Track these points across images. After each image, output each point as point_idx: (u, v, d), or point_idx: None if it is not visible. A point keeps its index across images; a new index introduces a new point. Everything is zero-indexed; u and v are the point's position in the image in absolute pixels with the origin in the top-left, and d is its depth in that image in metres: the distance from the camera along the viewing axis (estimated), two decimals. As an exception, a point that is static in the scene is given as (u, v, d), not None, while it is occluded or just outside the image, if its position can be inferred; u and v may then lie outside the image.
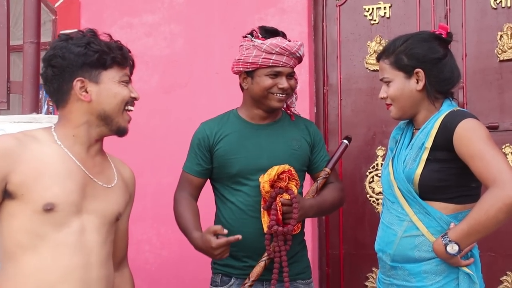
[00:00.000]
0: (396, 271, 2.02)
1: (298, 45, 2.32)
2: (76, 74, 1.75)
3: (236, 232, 2.23)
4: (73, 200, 1.69)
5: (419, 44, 2.04)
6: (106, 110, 1.78)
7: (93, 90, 1.76)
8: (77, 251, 1.69)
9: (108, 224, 1.80)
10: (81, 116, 1.77)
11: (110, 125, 1.80)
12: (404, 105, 2.06)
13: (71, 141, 1.77)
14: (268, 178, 2.17)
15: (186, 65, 3.59)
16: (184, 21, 3.63)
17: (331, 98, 3.51)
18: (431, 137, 1.96)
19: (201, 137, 2.39)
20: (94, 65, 1.75)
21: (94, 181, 1.77)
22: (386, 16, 3.41)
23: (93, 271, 1.74)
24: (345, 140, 2.49)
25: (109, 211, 1.80)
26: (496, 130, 3.19)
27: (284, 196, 2.18)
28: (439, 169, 1.95)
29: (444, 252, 1.88)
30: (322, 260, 3.48)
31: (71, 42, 1.76)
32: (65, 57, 1.74)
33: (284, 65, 2.30)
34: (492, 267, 3.16)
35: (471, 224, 1.84)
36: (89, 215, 1.74)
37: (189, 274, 3.46)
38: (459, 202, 1.96)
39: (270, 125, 2.41)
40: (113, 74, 1.78)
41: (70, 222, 1.69)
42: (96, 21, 3.69)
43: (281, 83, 2.30)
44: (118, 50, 1.81)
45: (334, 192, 2.41)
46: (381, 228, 2.11)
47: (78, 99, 1.76)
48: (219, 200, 2.41)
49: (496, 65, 3.23)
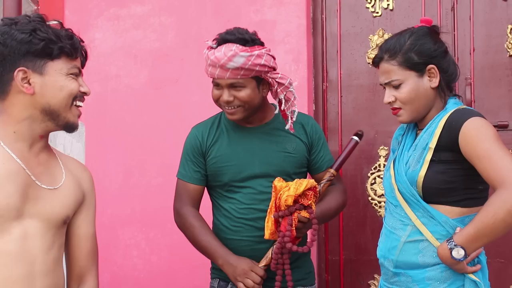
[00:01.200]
0: (399, 278, 1.99)
1: (228, 56, 2.14)
2: (18, 63, 1.64)
3: (231, 239, 2.26)
4: (14, 204, 1.60)
5: (425, 39, 2.01)
6: (51, 104, 1.67)
7: (37, 81, 1.66)
8: (19, 260, 1.61)
9: (53, 228, 1.70)
10: (23, 110, 1.67)
11: (57, 120, 1.70)
12: (418, 107, 2.01)
13: (12, 138, 1.67)
14: (295, 192, 2.10)
15: (177, 59, 3.55)
16: (175, 13, 3.58)
17: (331, 95, 3.46)
18: (435, 137, 1.93)
19: (193, 143, 2.36)
20: (39, 54, 1.65)
21: (37, 182, 1.67)
22: (389, 8, 3.37)
23: (36, 281, 1.64)
24: (355, 137, 2.37)
25: (54, 214, 1.70)
26: (506, 129, 3.17)
27: (302, 213, 2.12)
28: (444, 171, 1.92)
29: (450, 257, 1.85)
30: (321, 267, 3.44)
31: (15, 28, 1.64)
32: (7, 44, 1.63)
33: (220, 77, 2.19)
34: (501, 275, 3.12)
35: (478, 228, 1.81)
36: (32, 219, 1.65)
37: (180, 281, 3.43)
38: (465, 206, 1.92)
39: (262, 127, 2.34)
40: (61, 65, 1.68)
41: (10, 228, 1.60)
42: (81, 12, 3.66)
43: (223, 96, 2.23)
44: (68, 39, 1.69)
45: (338, 196, 2.38)
46: (383, 233, 2.08)
47: (20, 91, 1.65)
48: (214, 208, 2.39)
49: (506, 60, 3.19)
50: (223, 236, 2.28)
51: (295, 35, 3.34)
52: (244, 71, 2.16)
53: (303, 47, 3.32)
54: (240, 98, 2.20)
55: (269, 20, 3.37)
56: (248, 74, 2.18)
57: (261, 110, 2.31)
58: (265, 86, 2.26)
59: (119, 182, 3.55)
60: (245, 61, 2.14)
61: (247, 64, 2.15)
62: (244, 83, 2.19)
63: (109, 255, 3.45)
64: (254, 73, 2.18)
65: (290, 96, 2.26)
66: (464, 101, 3.18)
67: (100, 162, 3.49)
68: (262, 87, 2.25)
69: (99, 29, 3.62)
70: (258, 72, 2.19)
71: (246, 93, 2.21)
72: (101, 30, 3.62)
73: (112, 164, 3.57)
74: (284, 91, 2.24)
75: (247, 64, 2.15)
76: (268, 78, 2.22)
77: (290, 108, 2.27)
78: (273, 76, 2.23)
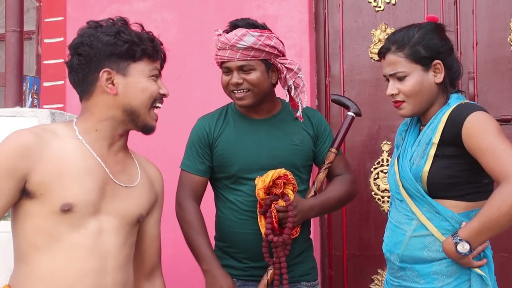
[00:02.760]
0: (405, 272, 1.98)
1: (239, 35, 2.18)
2: (103, 64, 1.70)
3: (236, 232, 2.24)
4: (92, 200, 1.66)
5: (433, 34, 2.01)
6: (133, 105, 1.73)
7: (120, 82, 1.72)
8: (93, 254, 1.66)
9: (127, 226, 1.75)
10: (106, 110, 1.73)
11: (136, 121, 1.76)
12: (421, 101, 2.00)
13: (93, 136, 1.73)
14: (263, 185, 2.13)
15: (180, 55, 3.52)
16: (177, 8, 3.57)
17: (334, 90, 3.44)
18: (439, 132, 1.93)
19: (200, 134, 2.33)
20: (123, 56, 1.71)
21: (115, 180, 1.73)
22: (391, 3, 3.36)
23: (108, 276, 1.69)
24: (350, 113, 2.37)
25: (129, 212, 1.75)
26: (509, 123, 3.15)
27: (279, 202, 2.13)
28: (448, 166, 1.91)
29: (455, 252, 1.85)
30: (324, 262, 3.43)
31: (100, 30, 1.71)
32: (93, 46, 1.70)
33: (230, 59, 2.20)
34: (505, 269, 3.10)
35: (483, 222, 1.81)
36: (107, 216, 1.70)
37: (183, 277, 3.41)
38: (470, 200, 1.92)
39: (269, 119, 2.33)
40: (143, 67, 1.74)
41: (86, 223, 1.66)
42: (83, 8, 3.64)
43: (232, 79, 2.22)
44: (150, 41, 1.76)
45: (341, 186, 2.33)
46: (389, 228, 2.08)
47: (104, 91, 1.72)
48: (218, 200, 2.36)
49: (509, 54, 3.18)
50: (227, 229, 2.27)
51: (298, 30, 3.33)
52: (254, 52, 2.18)
53: (306, 42, 3.31)
54: (249, 80, 2.20)
55: (271, 15, 3.36)
56: (258, 55, 2.19)
57: (269, 101, 2.30)
58: (274, 72, 2.26)
59: (122, 178, 3.54)
60: (255, 40, 2.17)
61: (257, 44, 2.17)
62: (254, 66, 2.20)
63: (113, 251, 3.45)
64: (264, 55, 2.20)
65: (299, 83, 2.28)
66: (467, 95, 3.16)
67: (103, 158, 3.49)
68: (271, 73, 2.25)
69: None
70: (268, 55, 2.21)
71: (256, 75, 2.21)
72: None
73: (115, 161, 3.56)
74: (293, 78, 2.26)
75: (257, 43, 2.17)
76: (277, 64, 2.23)
77: (300, 94, 2.28)
78: (282, 62, 2.24)
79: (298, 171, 2.26)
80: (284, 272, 2.15)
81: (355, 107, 2.39)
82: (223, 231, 2.30)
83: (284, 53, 2.28)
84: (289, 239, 2.15)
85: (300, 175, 2.29)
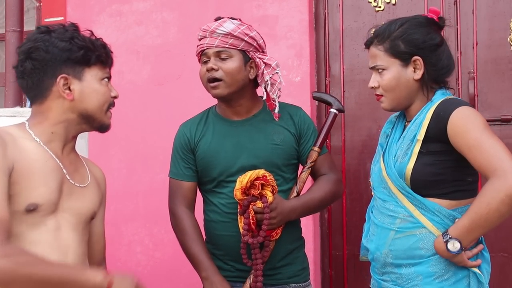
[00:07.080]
0: (390, 272, 1.97)
1: (219, 21, 2.22)
2: (60, 70, 1.72)
3: (221, 235, 2.24)
4: (54, 199, 1.69)
5: (417, 29, 1.97)
6: (89, 110, 1.77)
7: (76, 88, 1.74)
8: (53, 249, 1.68)
9: (83, 223, 1.80)
10: (61, 114, 1.75)
11: (92, 123, 1.80)
12: (398, 96, 1.98)
13: (49, 138, 1.75)
14: (240, 185, 2.10)
15: (180, 55, 3.52)
16: (177, 8, 3.56)
17: (334, 90, 3.43)
18: (423, 128, 1.90)
19: (182, 140, 2.34)
20: (78, 61, 1.73)
21: (71, 180, 1.77)
22: (391, 3, 3.35)
23: None
24: (332, 110, 2.34)
25: (84, 210, 1.80)
26: (509, 123, 3.13)
27: (257, 204, 2.11)
28: (432, 163, 1.89)
29: (446, 250, 1.82)
30: (324, 262, 3.42)
31: (53, 35, 1.72)
32: (49, 51, 1.70)
33: (209, 46, 2.21)
34: (504, 269, 3.08)
35: (473, 219, 1.78)
36: (65, 213, 1.73)
37: (183, 277, 3.39)
38: (454, 198, 1.89)
39: (249, 120, 2.30)
40: (96, 71, 1.78)
41: (46, 221, 1.68)
42: (83, 8, 3.64)
43: (208, 64, 2.22)
44: (102, 48, 1.80)
45: (325, 186, 2.28)
46: (372, 228, 2.05)
47: (60, 96, 1.73)
48: (205, 204, 2.35)
49: (509, 54, 3.15)
50: (213, 232, 2.26)
51: (298, 30, 3.32)
52: (234, 40, 2.19)
53: (306, 42, 3.30)
54: (224, 69, 2.19)
55: (271, 15, 3.35)
56: (237, 44, 2.19)
57: (248, 98, 2.27)
58: (253, 68, 2.24)
59: (122, 178, 3.54)
60: (235, 27, 2.19)
61: (236, 31, 2.19)
62: (231, 54, 2.20)
63: (113, 251, 3.44)
64: (243, 44, 2.20)
65: (277, 79, 2.25)
66: (467, 95, 3.15)
67: (103, 158, 3.47)
68: (249, 68, 2.23)
69: (101, 26, 3.60)
70: (247, 45, 2.21)
71: (232, 65, 2.20)
72: (103, 27, 3.60)
73: (115, 160, 3.57)
74: (270, 73, 2.24)
75: (236, 30, 2.19)
76: (255, 58, 2.22)
77: (276, 91, 2.25)
78: (261, 57, 2.23)
79: (280, 170, 2.23)
80: (258, 275, 2.13)
81: (337, 103, 2.36)
82: (209, 234, 2.29)
83: (264, 49, 2.27)
84: (267, 241, 2.14)
85: (283, 175, 2.25)
